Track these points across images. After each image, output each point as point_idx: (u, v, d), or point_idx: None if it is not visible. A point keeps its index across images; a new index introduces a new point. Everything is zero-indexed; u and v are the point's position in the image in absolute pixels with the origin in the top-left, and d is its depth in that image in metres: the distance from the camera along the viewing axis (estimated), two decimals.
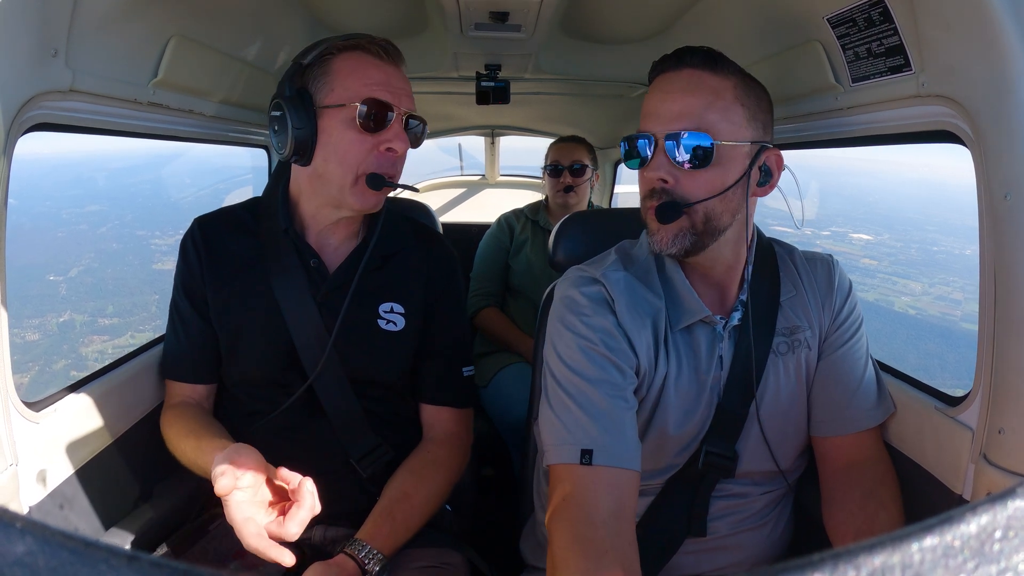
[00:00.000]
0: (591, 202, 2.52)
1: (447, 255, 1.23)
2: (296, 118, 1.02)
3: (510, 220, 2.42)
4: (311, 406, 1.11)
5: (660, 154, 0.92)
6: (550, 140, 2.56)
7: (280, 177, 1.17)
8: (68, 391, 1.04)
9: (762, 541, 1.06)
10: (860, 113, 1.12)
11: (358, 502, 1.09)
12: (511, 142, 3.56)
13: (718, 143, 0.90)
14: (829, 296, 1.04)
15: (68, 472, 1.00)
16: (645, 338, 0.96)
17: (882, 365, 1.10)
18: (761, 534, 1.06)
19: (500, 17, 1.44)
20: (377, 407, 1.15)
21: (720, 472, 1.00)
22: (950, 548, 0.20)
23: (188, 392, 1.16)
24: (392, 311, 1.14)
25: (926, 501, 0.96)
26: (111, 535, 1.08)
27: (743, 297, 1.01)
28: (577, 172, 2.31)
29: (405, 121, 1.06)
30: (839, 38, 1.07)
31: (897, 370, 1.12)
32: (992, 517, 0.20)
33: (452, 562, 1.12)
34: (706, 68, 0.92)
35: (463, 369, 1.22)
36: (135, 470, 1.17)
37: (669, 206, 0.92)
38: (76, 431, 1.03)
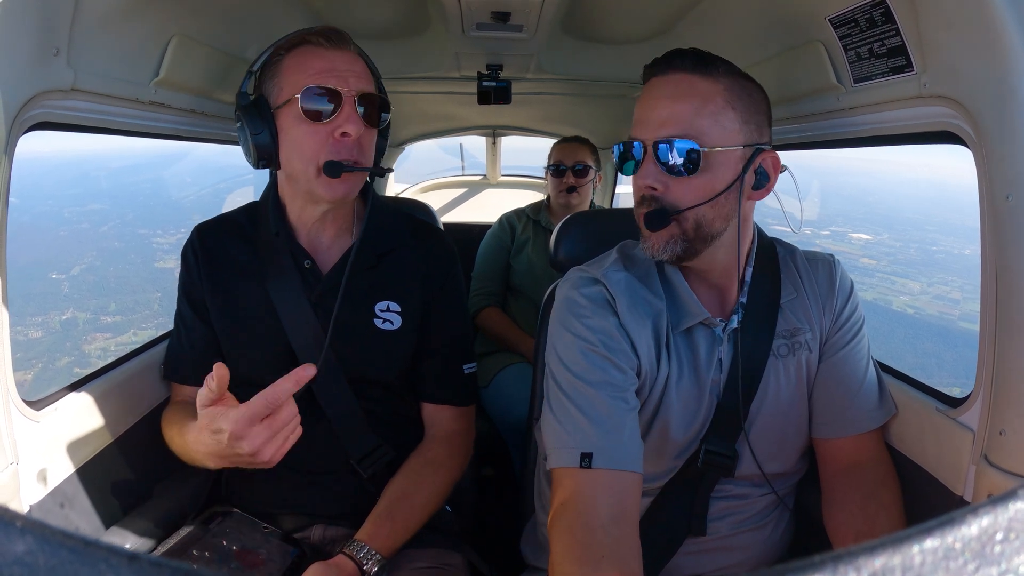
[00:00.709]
0: (593, 202, 2.53)
1: (445, 251, 1.22)
2: (252, 124, 1.02)
3: (511, 220, 2.42)
4: (311, 407, 1.10)
5: (649, 161, 0.91)
6: (552, 140, 2.56)
7: (273, 183, 1.18)
8: (69, 390, 1.05)
9: (762, 542, 1.06)
10: (862, 114, 1.12)
11: (358, 502, 1.09)
12: (512, 142, 3.56)
13: (706, 149, 0.89)
14: (830, 297, 1.03)
15: (69, 471, 1.00)
16: (646, 339, 0.96)
17: (883, 366, 1.10)
18: (761, 535, 1.05)
19: (502, 17, 1.44)
20: (377, 407, 1.14)
21: (720, 471, 1.00)
22: (951, 550, 0.19)
23: (189, 393, 1.17)
24: (388, 310, 1.14)
25: (927, 502, 0.95)
26: (111, 534, 1.08)
27: (743, 300, 1.00)
28: (580, 173, 2.30)
29: (358, 102, 1.03)
30: (841, 38, 1.07)
31: (898, 371, 1.11)
32: (993, 519, 0.20)
33: (452, 563, 1.12)
34: (696, 71, 0.91)
35: (463, 366, 1.22)
36: (136, 469, 1.17)
37: (657, 213, 0.91)
38: (77, 430, 1.03)
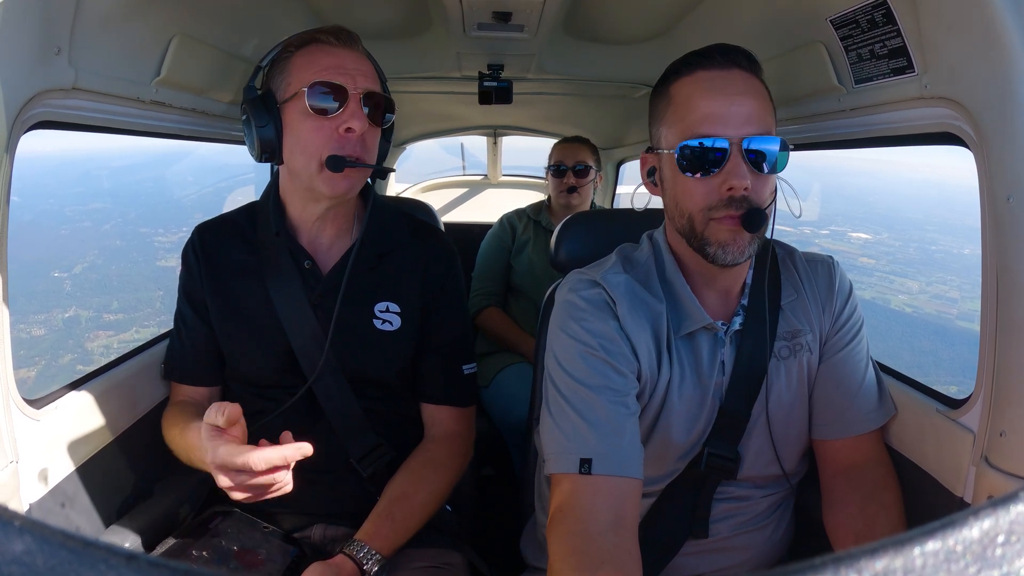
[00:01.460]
0: (593, 203, 2.52)
1: (444, 251, 1.21)
2: (258, 117, 1.03)
3: (512, 220, 2.42)
4: (311, 407, 1.11)
5: (740, 160, 0.87)
6: (552, 140, 2.56)
7: (274, 182, 1.18)
8: (69, 388, 1.05)
9: (763, 543, 1.05)
10: (863, 115, 1.12)
11: (358, 502, 1.09)
12: (513, 142, 3.56)
13: (791, 148, 0.90)
14: (829, 299, 1.03)
15: (69, 470, 1.00)
16: (646, 342, 0.95)
17: (883, 367, 1.10)
18: (762, 536, 1.05)
19: (503, 17, 1.44)
20: (377, 407, 1.14)
21: (722, 473, 1.00)
22: (952, 552, 0.19)
23: (190, 393, 1.18)
24: (388, 310, 1.14)
25: (927, 504, 0.95)
26: (111, 533, 1.08)
27: (744, 302, 1.00)
28: (581, 173, 2.30)
29: (363, 100, 1.04)
30: (842, 40, 1.07)
31: (898, 372, 1.11)
32: (995, 522, 0.20)
33: (452, 562, 1.12)
34: (751, 70, 0.91)
35: (464, 367, 1.21)
36: (136, 468, 1.18)
37: (758, 213, 0.88)
38: (77, 429, 1.03)
